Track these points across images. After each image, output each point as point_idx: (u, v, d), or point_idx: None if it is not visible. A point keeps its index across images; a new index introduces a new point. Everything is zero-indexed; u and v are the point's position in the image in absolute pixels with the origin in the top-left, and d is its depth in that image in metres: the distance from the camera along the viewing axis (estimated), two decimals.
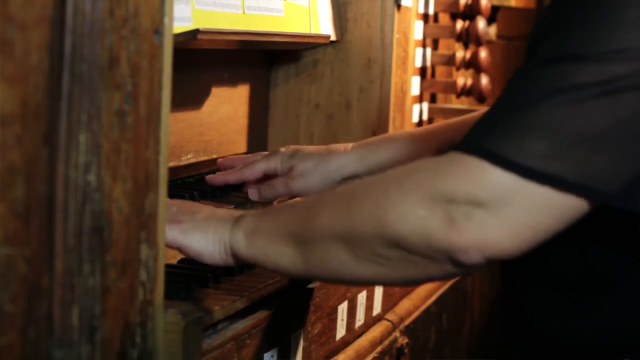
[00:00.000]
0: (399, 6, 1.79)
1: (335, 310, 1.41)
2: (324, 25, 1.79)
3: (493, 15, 2.66)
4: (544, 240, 0.95)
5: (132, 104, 0.83)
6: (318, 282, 1.32)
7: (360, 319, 1.55)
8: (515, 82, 0.99)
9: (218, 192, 1.49)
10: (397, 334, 1.73)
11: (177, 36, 1.22)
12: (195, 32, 1.36)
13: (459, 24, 2.09)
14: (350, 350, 1.49)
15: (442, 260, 0.95)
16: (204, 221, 1.10)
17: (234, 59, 1.73)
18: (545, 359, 1.17)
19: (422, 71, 2.07)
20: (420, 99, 2.08)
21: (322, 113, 1.86)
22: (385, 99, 1.81)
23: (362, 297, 1.54)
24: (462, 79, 2.15)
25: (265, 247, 1.06)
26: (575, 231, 0.98)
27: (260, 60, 1.85)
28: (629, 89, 0.93)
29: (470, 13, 2.12)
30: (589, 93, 0.93)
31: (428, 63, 2.09)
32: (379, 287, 1.65)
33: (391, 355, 1.69)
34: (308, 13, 1.75)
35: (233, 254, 1.09)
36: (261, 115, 1.87)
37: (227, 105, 1.73)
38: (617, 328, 1.08)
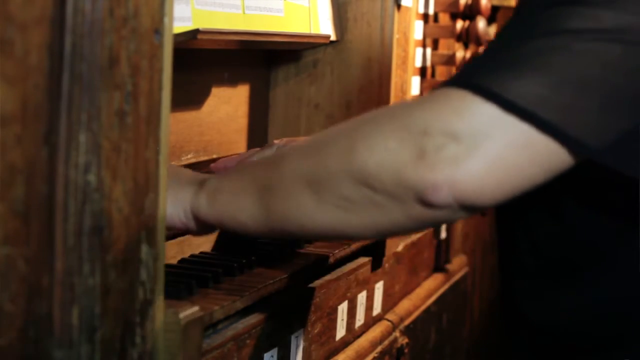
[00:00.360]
0: (399, 6, 1.79)
1: (335, 310, 1.41)
2: (324, 25, 1.79)
3: (493, 15, 2.66)
4: (520, 192, 0.90)
5: (132, 104, 0.83)
6: (314, 282, 1.31)
7: (360, 319, 1.55)
8: (507, 25, 0.96)
9: None
10: (397, 334, 1.73)
11: (177, 36, 1.22)
12: (195, 32, 1.35)
13: (459, 24, 2.08)
14: (350, 350, 1.49)
15: (410, 200, 0.89)
16: None
17: (233, 59, 1.72)
18: (536, 348, 1.15)
19: (422, 71, 2.07)
20: None
21: (322, 113, 1.86)
22: (385, 99, 1.81)
23: (362, 297, 1.54)
24: None
25: (226, 204, 1.02)
26: (561, 198, 0.95)
27: (260, 60, 1.85)
28: (626, 42, 0.89)
29: (470, 13, 2.12)
30: (582, 38, 0.89)
31: (428, 63, 2.09)
32: (379, 288, 1.65)
33: (391, 355, 1.69)
34: (308, 13, 1.74)
35: (194, 216, 1.05)
36: (261, 115, 1.87)
37: (227, 105, 1.73)
38: (602, 309, 1.05)
